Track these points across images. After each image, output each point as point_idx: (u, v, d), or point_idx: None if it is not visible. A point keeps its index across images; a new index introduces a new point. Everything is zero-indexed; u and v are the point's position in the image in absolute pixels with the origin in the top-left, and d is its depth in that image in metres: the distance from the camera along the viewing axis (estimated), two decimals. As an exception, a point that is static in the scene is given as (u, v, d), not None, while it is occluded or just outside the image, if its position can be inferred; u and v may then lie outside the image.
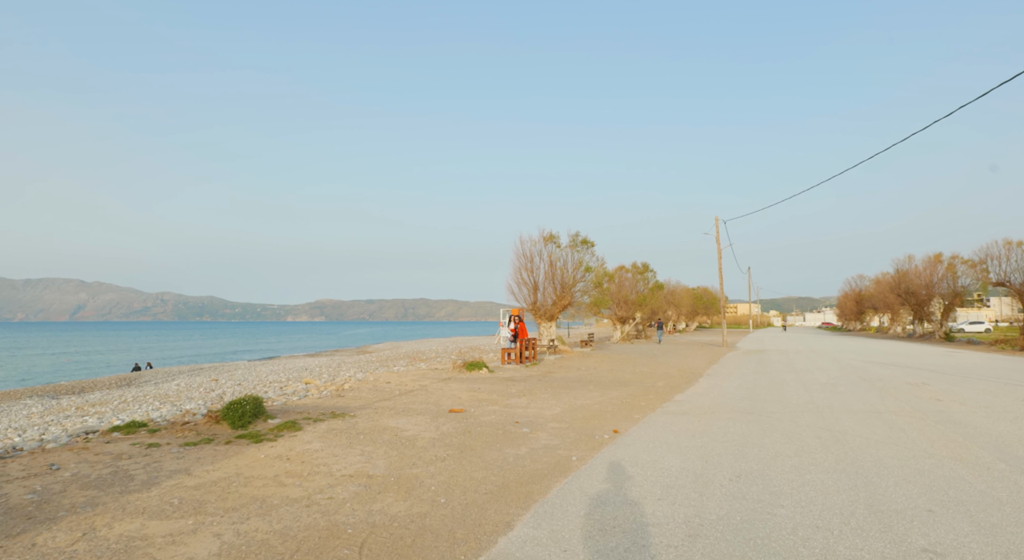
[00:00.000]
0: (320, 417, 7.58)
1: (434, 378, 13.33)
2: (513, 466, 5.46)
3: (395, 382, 12.60)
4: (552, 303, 23.81)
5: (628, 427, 7.52)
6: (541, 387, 11.84)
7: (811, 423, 7.61)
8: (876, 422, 7.62)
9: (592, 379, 13.59)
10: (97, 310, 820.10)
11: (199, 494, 4.36)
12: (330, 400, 9.76)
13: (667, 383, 12.92)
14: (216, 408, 7.04)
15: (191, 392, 18.61)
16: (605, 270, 24.15)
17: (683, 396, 10.64)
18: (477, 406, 9.17)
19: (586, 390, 11.47)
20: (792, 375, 14.52)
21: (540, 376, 14.18)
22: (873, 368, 16.41)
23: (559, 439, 6.75)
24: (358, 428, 6.99)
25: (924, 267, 41.92)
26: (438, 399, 9.89)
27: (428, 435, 6.77)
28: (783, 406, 9.19)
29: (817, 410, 8.73)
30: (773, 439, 6.61)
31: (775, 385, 12.24)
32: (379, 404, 9.20)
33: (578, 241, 23.42)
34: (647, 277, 35.86)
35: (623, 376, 14.46)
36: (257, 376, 24.82)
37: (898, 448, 6.08)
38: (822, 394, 10.66)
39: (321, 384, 14.61)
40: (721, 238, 32.90)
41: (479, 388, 11.52)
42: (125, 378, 27.86)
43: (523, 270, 23.27)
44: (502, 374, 14.43)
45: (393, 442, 6.32)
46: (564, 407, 9.24)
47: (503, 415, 8.33)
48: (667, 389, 11.78)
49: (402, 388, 11.52)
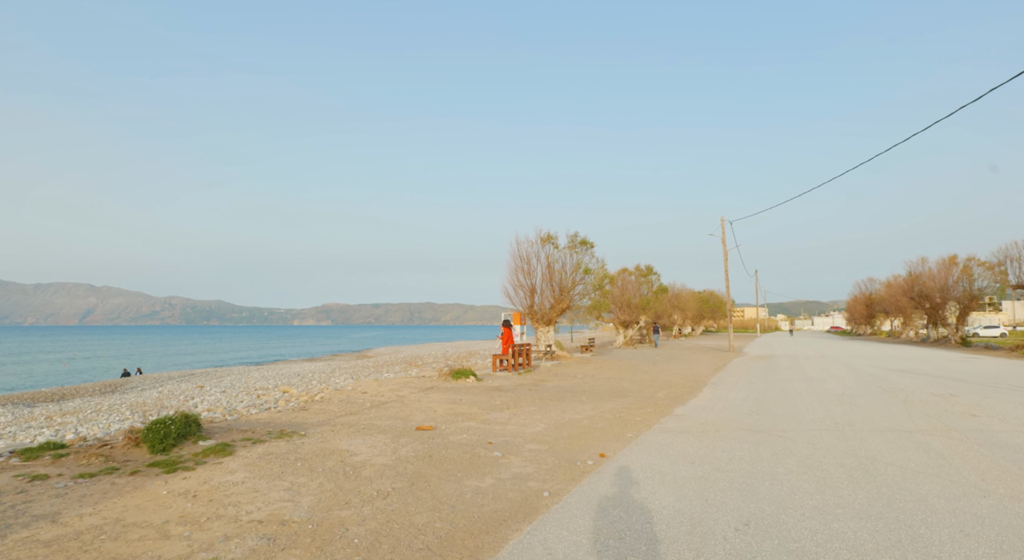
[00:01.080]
0: (262, 437, 6.59)
1: (416, 387, 12.33)
2: (469, 505, 4.45)
3: (372, 392, 11.62)
4: (550, 307, 22.77)
5: (618, 449, 6.48)
6: (529, 398, 10.82)
7: (831, 445, 6.54)
8: (908, 445, 6.55)
9: (587, 388, 12.54)
10: (106, 314, 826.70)
11: (45, 554, 3.37)
12: (290, 414, 8.78)
13: (668, 393, 11.85)
14: (139, 428, 6.07)
15: (169, 400, 17.72)
16: (606, 272, 23.10)
17: (684, 409, 9.58)
18: (451, 422, 8.16)
19: (577, 402, 10.43)
20: (804, 384, 13.40)
21: (531, 385, 13.16)
22: (891, 376, 15.26)
23: (534, 466, 5.73)
24: (301, 451, 5.99)
25: (938, 269, 40.52)
26: (410, 413, 8.89)
27: (380, 460, 5.77)
28: (797, 422, 8.12)
29: (836, 428, 7.65)
30: (788, 467, 5.56)
31: (786, 396, 11.15)
32: (341, 420, 8.21)
33: (577, 242, 22.40)
34: (651, 280, 34.75)
35: (621, 385, 13.40)
36: (245, 383, 23.92)
37: (942, 482, 5.01)
38: (840, 408, 9.57)
39: (298, 393, 13.66)
40: (727, 239, 31.80)
41: (460, 399, 10.51)
42: (111, 385, 27.05)
43: (519, 272, 22.27)
44: (490, 383, 13.42)
45: (335, 470, 5.33)
46: (549, 423, 8.22)
47: (477, 433, 7.31)
48: (667, 401, 10.72)
49: (377, 399, 10.53)
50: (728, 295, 32.10)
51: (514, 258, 22.33)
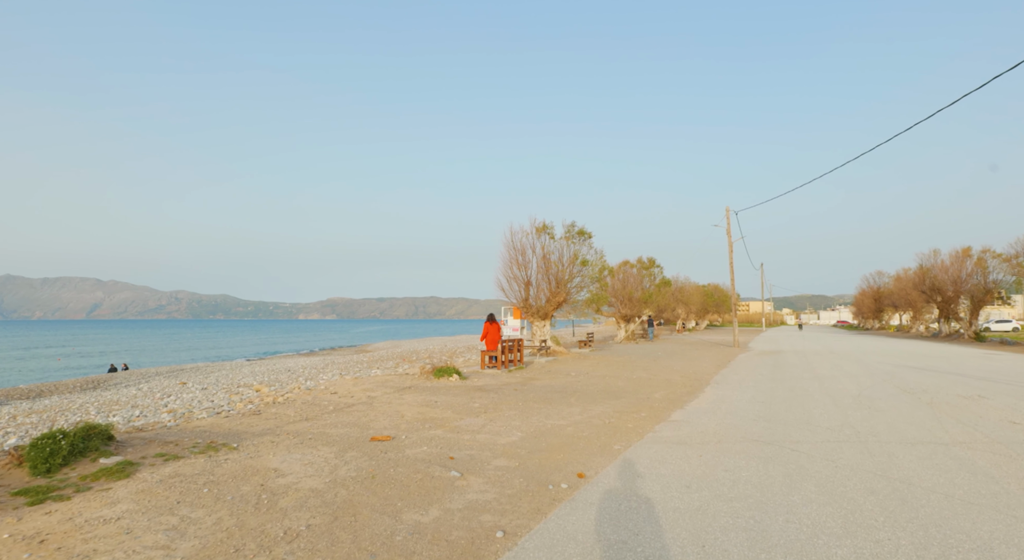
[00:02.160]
0: (181, 453, 5.60)
1: (394, 387, 11.35)
2: (395, 554, 3.45)
3: (343, 392, 10.64)
4: (546, 300, 21.74)
5: (601, 466, 5.47)
6: (512, 400, 9.80)
7: (855, 462, 5.50)
8: (948, 463, 5.50)
9: (578, 388, 11.52)
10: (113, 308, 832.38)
11: None
12: (238, 420, 7.80)
13: (666, 394, 10.81)
14: (24, 444, 5.10)
15: (144, 398, 16.82)
16: (604, 263, 22.01)
17: (683, 413, 8.54)
18: (416, 429, 7.16)
19: (565, 404, 9.41)
20: (815, 383, 12.34)
21: (519, 384, 12.15)
22: (908, 374, 14.16)
23: (496, 490, 4.72)
24: (218, 472, 5.00)
25: (951, 262, 39.19)
26: (373, 418, 7.90)
27: (310, 484, 4.77)
28: (811, 431, 7.08)
29: (858, 438, 6.60)
30: (805, 494, 4.53)
31: (797, 398, 10.10)
32: (291, 427, 7.22)
33: (574, 232, 21.30)
34: (653, 273, 33.62)
35: (616, 384, 12.37)
36: (231, 379, 23.05)
37: (1005, 519, 3.96)
38: (858, 412, 8.51)
39: (270, 392, 12.72)
40: (732, 230, 30.61)
41: (436, 401, 9.51)
42: (94, 381, 26.23)
43: (514, 264, 21.22)
44: (475, 381, 12.41)
45: (246, 499, 4.33)
46: (528, 430, 7.21)
47: (441, 445, 6.31)
48: (665, 403, 9.68)
49: (345, 401, 9.55)
50: (733, 288, 30.96)
51: (508, 249, 21.29)
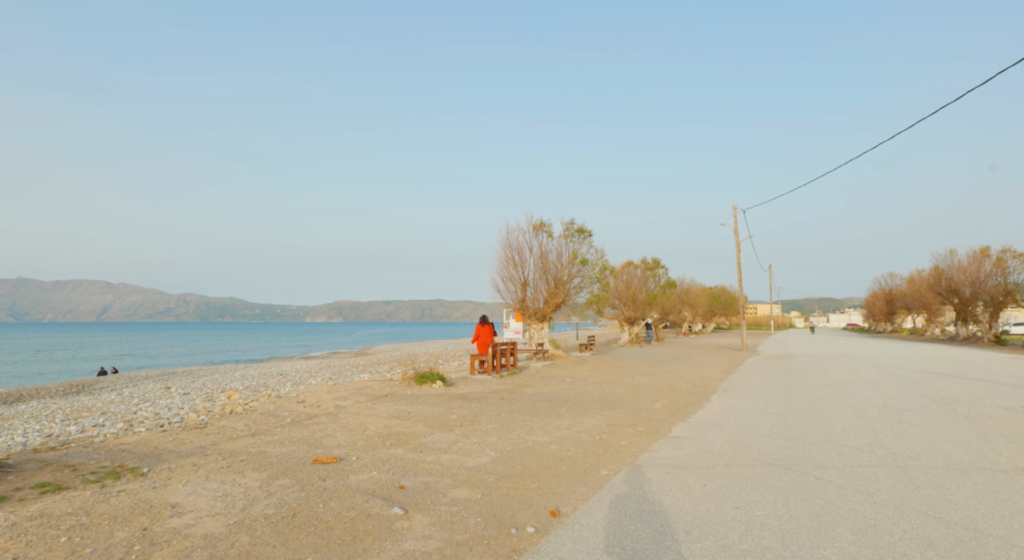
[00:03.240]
0: (70, 482, 4.61)
1: (369, 395, 10.36)
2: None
3: (311, 401, 9.66)
4: (544, 302, 20.71)
5: (582, 500, 4.44)
6: (495, 410, 8.78)
7: (898, 497, 4.44)
8: (1016, 497, 4.41)
9: (571, 397, 10.47)
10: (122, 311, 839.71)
11: None
12: (176, 435, 6.83)
13: (668, 403, 9.75)
14: None
15: (118, 405, 15.95)
16: (605, 263, 20.95)
17: (685, 428, 7.48)
18: (373, 447, 6.15)
19: (553, 416, 8.37)
20: (833, 392, 11.23)
21: (507, 392, 11.12)
22: (935, 381, 13.00)
23: (443, 537, 3.70)
24: (98, 511, 4.01)
25: (969, 262, 37.77)
26: (329, 434, 6.91)
27: (208, 527, 3.77)
28: (837, 452, 6.00)
29: (895, 463, 5.53)
30: (841, 549, 3.46)
31: (815, 408, 9.00)
32: (228, 445, 6.24)
33: (573, 229, 20.27)
34: (657, 274, 32.49)
35: (614, 391, 11.32)
36: (218, 383, 22.21)
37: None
38: (888, 427, 7.41)
39: (240, 400, 11.78)
40: (740, 229, 29.46)
41: (409, 412, 8.51)
42: (79, 384, 25.46)
43: (510, 264, 20.22)
44: (460, 388, 11.40)
45: (111, 553, 3.34)
46: (504, 449, 6.18)
47: (395, 469, 5.30)
48: (666, 414, 8.62)
49: (308, 411, 8.57)
50: (740, 289, 29.78)
51: (504, 248, 20.29)
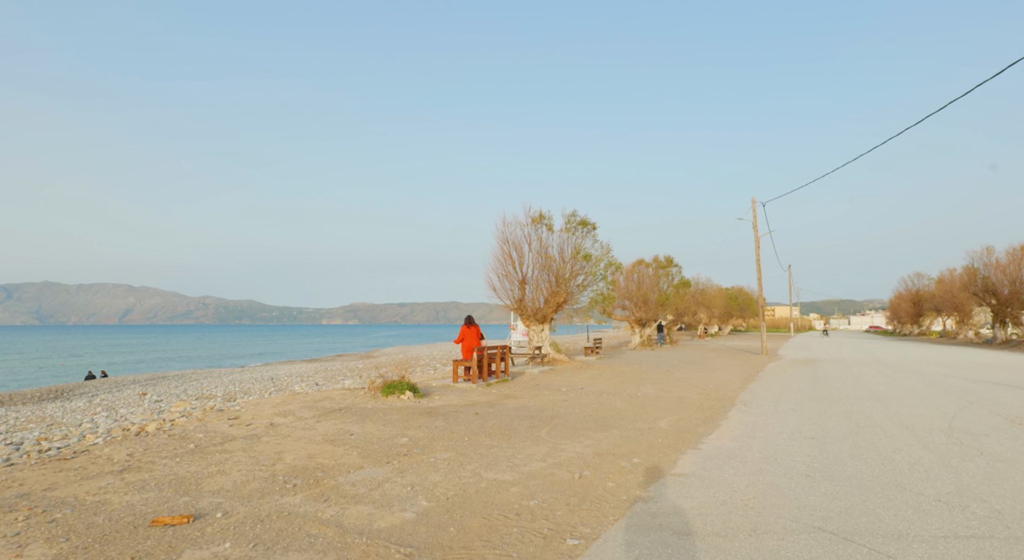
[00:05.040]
0: None
1: (320, 409, 8.76)
2: None
3: (246, 417, 8.09)
4: (544, 301, 19.01)
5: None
6: (460, 431, 7.11)
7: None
8: None
9: (560, 412, 8.76)
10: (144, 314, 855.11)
11: None
12: (29, 471, 5.29)
13: (676, 421, 7.98)
14: None
15: (70, 416, 14.56)
16: (611, 259, 19.19)
17: (696, 459, 5.74)
18: (266, 493, 4.53)
19: (530, 439, 6.68)
20: (878, 407, 9.36)
21: (487, 404, 9.45)
22: (997, 393, 11.03)
23: None
24: None
25: (1008, 260, 35.21)
26: (225, 469, 5.30)
27: None
28: (913, 507, 4.23)
29: (1007, 530, 3.75)
30: None
31: (861, 431, 7.19)
32: (72, 488, 4.66)
33: (575, 222, 18.54)
34: (670, 273, 30.57)
35: (614, 404, 9.58)
36: (201, 389, 20.88)
37: None
38: (968, 462, 5.59)
39: (193, 411, 10.26)
40: (759, 224, 27.43)
41: (352, 433, 6.88)
42: (59, 390, 24.35)
43: (507, 260, 18.55)
44: (432, 401, 9.75)
45: None
46: (445, 494, 4.52)
47: (266, 533, 3.66)
48: (672, 437, 6.88)
49: (231, 432, 6.99)
50: (760, 288, 27.75)
51: (500, 242, 18.63)
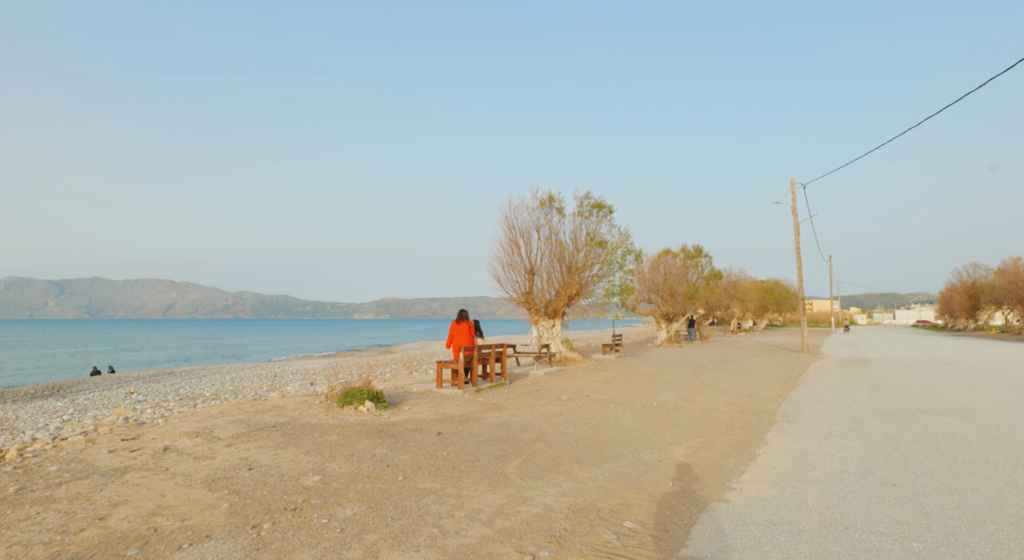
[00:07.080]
0: None
1: (249, 425, 7.06)
2: None
3: (149, 436, 6.44)
4: (556, 294, 17.04)
5: None
6: (399, 466, 5.28)
7: None
8: None
9: (547, 432, 6.83)
10: (185, 308, 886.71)
11: None
12: None
13: (697, 448, 5.97)
14: None
15: (38, 418, 13.42)
16: (630, 246, 17.05)
17: (720, 526, 3.76)
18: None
19: (488, 481, 4.80)
20: (970, 426, 7.13)
21: (460, 420, 7.60)
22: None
23: None
24: None
25: (1086, 246, 31.36)
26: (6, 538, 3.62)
27: None
28: None
29: None
30: None
31: (963, 470, 5.06)
32: None
33: (588, 205, 16.48)
34: (700, 263, 28.14)
35: (619, 421, 7.60)
36: (197, 386, 19.75)
37: None
38: None
39: (117, 423, 8.75)
40: (799, 209, 24.78)
41: (252, 465, 5.14)
42: (56, 386, 23.67)
43: (512, 248, 16.64)
44: (395, 414, 7.95)
45: None
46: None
47: None
48: (688, 480, 4.89)
49: (98, 462, 5.33)
50: (800, 279, 25.09)
51: (505, 228, 16.72)
